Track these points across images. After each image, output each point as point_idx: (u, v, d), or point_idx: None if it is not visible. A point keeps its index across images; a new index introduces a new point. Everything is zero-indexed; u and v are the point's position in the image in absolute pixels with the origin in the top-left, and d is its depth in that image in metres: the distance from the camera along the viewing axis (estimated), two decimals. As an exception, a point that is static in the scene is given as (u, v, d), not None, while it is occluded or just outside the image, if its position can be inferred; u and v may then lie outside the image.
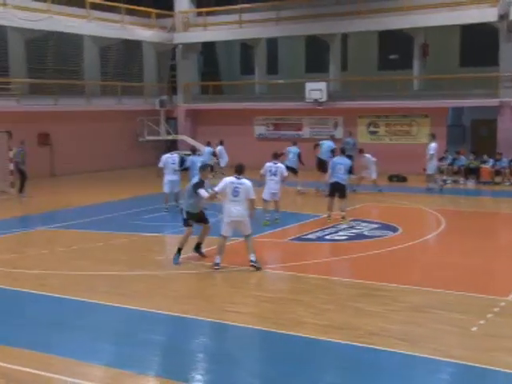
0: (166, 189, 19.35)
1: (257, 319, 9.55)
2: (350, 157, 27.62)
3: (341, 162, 17.30)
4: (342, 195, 17.24)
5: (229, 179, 12.18)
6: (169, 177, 19.27)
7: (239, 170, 12.30)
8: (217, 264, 12.25)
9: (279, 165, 17.01)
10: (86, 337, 8.98)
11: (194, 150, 20.77)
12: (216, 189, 12.24)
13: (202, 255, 13.36)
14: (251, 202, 12.10)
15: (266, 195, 16.79)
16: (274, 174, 16.70)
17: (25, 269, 12.68)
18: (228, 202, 12.05)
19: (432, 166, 23.10)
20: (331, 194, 17.29)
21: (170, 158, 19.43)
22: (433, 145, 22.94)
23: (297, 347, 8.59)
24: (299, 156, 22.43)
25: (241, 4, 33.51)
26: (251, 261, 12.19)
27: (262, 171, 16.86)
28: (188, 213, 13.09)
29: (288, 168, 19.23)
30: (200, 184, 12.88)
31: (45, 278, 12.06)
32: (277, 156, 17.46)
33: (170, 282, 11.84)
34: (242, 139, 31.43)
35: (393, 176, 25.96)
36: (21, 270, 12.57)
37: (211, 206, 19.53)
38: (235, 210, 12.00)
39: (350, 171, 27.66)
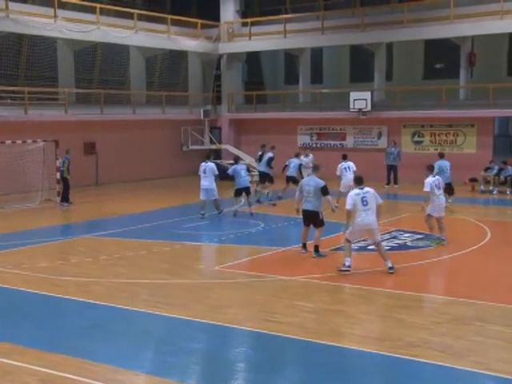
0: (201, 196, 19.77)
1: (297, 329, 9.52)
2: (393, 166, 27.63)
3: None
4: None
5: (354, 192, 12.61)
6: (202, 184, 19.68)
7: (360, 181, 12.77)
8: (346, 266, 12.64)
9: (440, 177, 15.86)
10: (127, 344, 9.08)
11: (236, 159, 20.96)
12: (348, 207, 12.53)
13: (320, 256, 14.14)
14: (380, 208, 12.66)
15: (435, 212, 15.35)
16: (440, 188, 15.42)
17: (68, 276, 12.88)
18: (359, 212, 12.45)
19: None
20: None
21: (202, 166, 19.77)
22: None
23: (337, 357, 8.55)
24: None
25: (285, 14, 33.62)
26: (389, 267, 12.52)
27: (427, 189, 15.13)
28: (305, 211, 14.16)
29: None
30: (327, 187, 14.05)
31: (87, 285, 12.25)
32: (432, 169, 15.92)
33: (211, 290, 11.89)
34: (285, 148, 31.39)
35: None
36: (64, 278, 12.77)
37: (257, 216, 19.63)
38: (368, 219, 12.48)
39: (396, 182, 27.50)
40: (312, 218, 14.37)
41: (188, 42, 33.32)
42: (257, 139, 31.87)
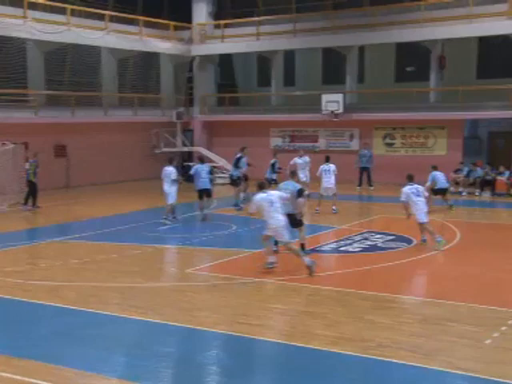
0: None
1: (269, 331, 9.55)
2: (366, 169, 27.79)
3: None
4: None
5: (259, 197, 12.99)
6: (164, 188, 19.46)
7: (262, 187, 13.25)
8: (269, 263, 13.10)
9: (418, 186, 15.90)
10: (99, 349, 9.00)
11: (201, 159, 20.77)
12: (251, 211, 13.13)
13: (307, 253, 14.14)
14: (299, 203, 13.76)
15: (424, 217, 15.49)
16: (419, 195, 15.55)
17: (38, 280, 12.75)
18: (270, 214, 12.83)
19: None
20: None
21: (163, 170, 19.53)
22: None
23: (308, 359, 8.55)
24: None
25: (258, 16, 33.66)
26: (307, 266, 12.81)
27: (403, 198, 15.43)
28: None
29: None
30: (303, 190, 14.56)
31: (57, 289, 12.12)
32: (412, 178, 15.98)
33: (183, 293, 11.84)
34: (257, 151, 31.44)
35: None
36: (34, 282, 12.63)
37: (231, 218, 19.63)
38: (279, 218, 12.84)
39: (370, 184, 27.64)
40: (290, 220, 14.47)
41: (160, 44, 33.19)
42: (230, 141, 31.93)
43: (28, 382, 7.81)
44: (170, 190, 19.31)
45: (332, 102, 29.95)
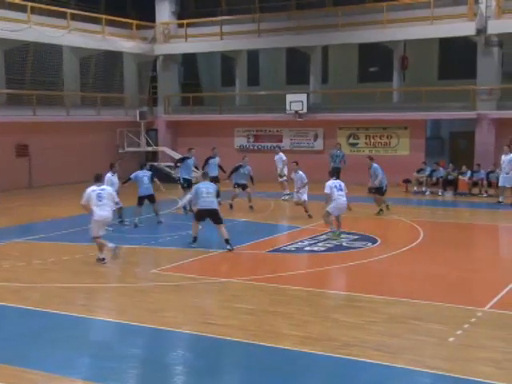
0: None
1: (236, 331, 9.52)
2: (338, 169, 27.86)
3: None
4: None
5: (90, 189, 13.76)
6: None
7: (98, 179, 14.19)
8: (102, 259, 13.91)
9: (341, 182, 16.90)
10: (64, 350, 8.89)
11: (142, 165, 20.45)
12: (82, 202, 13.80)
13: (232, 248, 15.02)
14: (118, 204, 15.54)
15: (334, 211, 16.45)
16: (341, 190, 16.49)
17: (0, 281, 12.53)
18: (95, 206, 13.61)
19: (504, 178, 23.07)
20: None
21: None
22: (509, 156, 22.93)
23: (276, 359, 8.57)
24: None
25: (222, 16, 33.63)
26: (99, 258, 13.94)
27: (327, 190, 16.37)
28: (207, 209, 15.35)
29: None
30: (218, 191, 15.68)
31: (21, 290, 11.95)
32: (332, 174, 17.37)
33: (149, 294, 11.77)
34: (222, 150, 31.40)
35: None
36: (-3, 283, 12.45)
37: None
38: (103, 214, 13.77)
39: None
40: (214, 215, 15.30)
41: (123, 43, 32.91)
42: (194, 141, 31.74)
43: (-7, 385, 7.70)
44: None
45: (296, 101, 30.09)
